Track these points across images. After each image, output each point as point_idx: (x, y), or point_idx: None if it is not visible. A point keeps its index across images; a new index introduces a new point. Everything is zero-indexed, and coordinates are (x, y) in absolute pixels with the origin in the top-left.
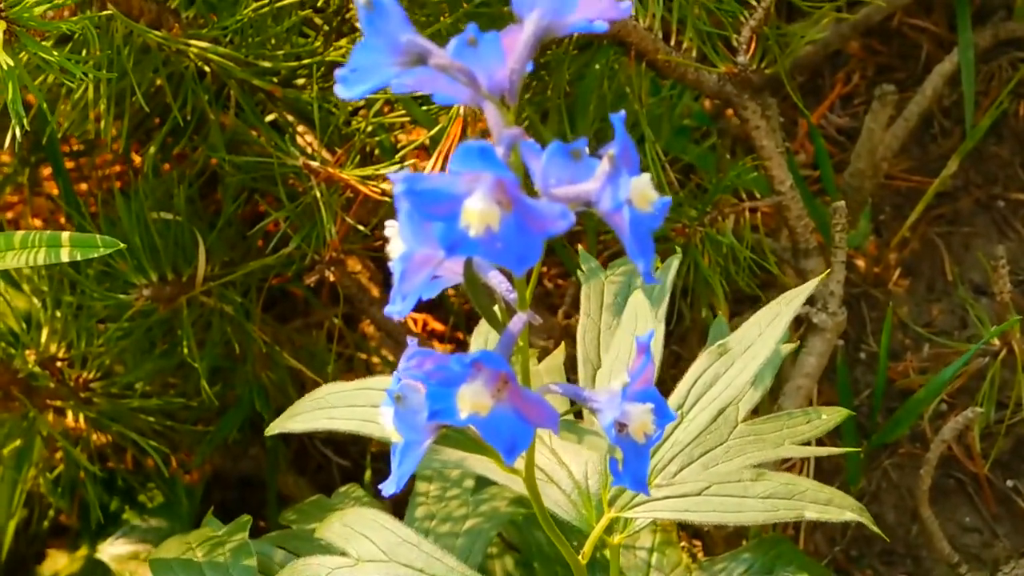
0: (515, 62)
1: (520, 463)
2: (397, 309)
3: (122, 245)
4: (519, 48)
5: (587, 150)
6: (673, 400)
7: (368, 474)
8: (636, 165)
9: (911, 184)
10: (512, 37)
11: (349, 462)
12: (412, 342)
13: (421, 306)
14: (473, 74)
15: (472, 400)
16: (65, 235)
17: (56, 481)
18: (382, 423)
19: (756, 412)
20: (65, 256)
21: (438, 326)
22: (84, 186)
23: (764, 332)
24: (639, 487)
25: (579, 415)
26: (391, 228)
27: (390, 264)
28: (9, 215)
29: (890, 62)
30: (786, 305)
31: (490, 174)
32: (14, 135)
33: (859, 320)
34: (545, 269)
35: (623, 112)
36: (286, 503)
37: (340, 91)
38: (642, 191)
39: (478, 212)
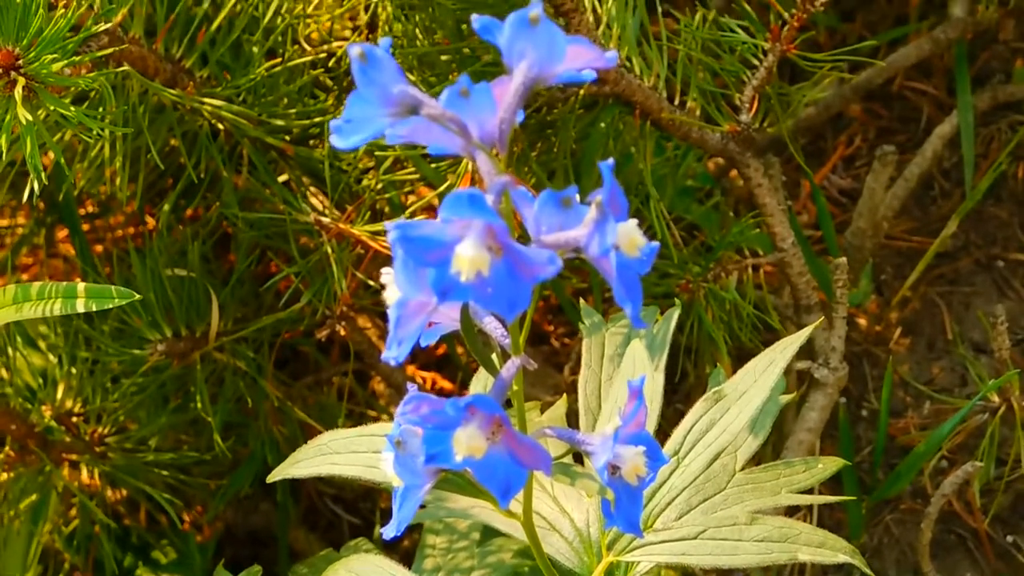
0: (505, 111)
1: (520, 508)
2: (393, 355)
3: (137, 296)
4: (509, 98)
5: (578, 198)
6: (669, 446)
7: (377, 531)
8: (624, 211)
9: (912, 244)
10: (503, 88)
11: (359, 519)
12: (412, 387)
13: (430, 364)
14: (464, 124)
15: (467, 443)
16: (81, 286)
17: (71, 536)
18: (383, 468)
19: (759, 463)
20: (81, 306)
21: (447, 384)
22: (99, 247)
23: (759, 379)
24: (632, 529)
25: (579, 460)
26: (387, 275)
27: (388, 311)
28: (25, 276)
29: (891, 125)
30: (780, 352)
31: (480, 221)
32: (32, 190)
33: (861, 378)
34: (552, 328)
35: (611, 160)
36: (297, 559)
37: (335, 141)
38: (630, 236)
39: (469, 258)
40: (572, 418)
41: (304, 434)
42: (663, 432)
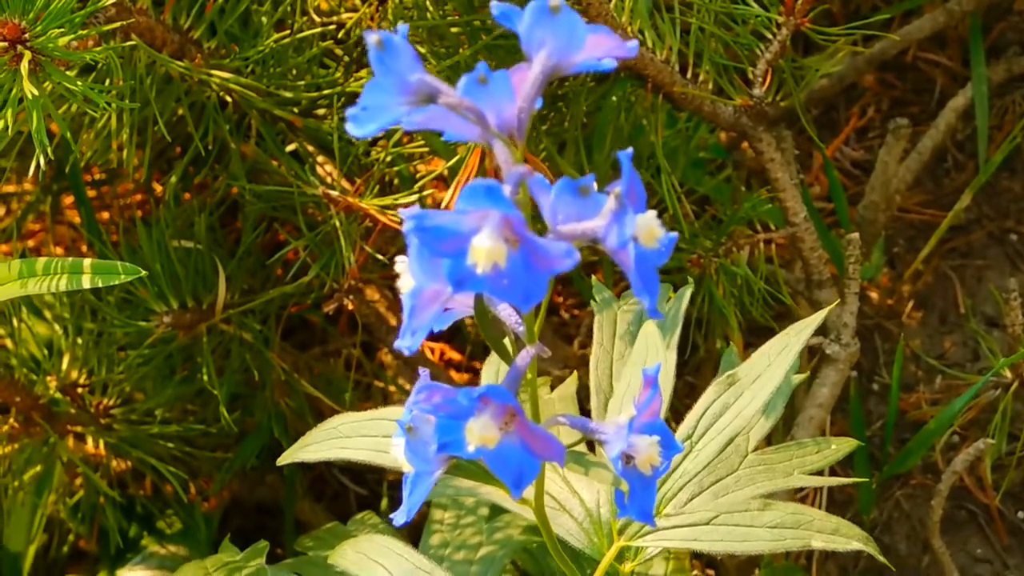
0: (524, 100)
1: (531, 492)
2: (407, 344)
3: (143, 272)
4: (527, 87)
5: (596, 186)
6: (682, 430)
7: (385, 502)
8: (643, 202)
9: (924, 217)
10: (521, 75)
11: (366, 490)
12: (424, 374)
13: (439, 336)
14: (482, 112)
15: (480, 433)
16: (87, 262)
17: (76, 507)
18: (394, 453)
19: (769, 441)
20: (87, 283)
21: (455, 355)
22: (106, 215)
23: (773, 362)
24: (645, 519)
25: (591, 445)
26: (401, 264)
27: (401, 299)
28: (31, 243)
29: (904, 96)
30: (795, 336)
31: (497, 212)
32: (38, 164)
33: (872, 352)
34: (561, 299)
35: (630, 150)
36: (303, 530)
37: (351, 129)
38: (648, 228)
39: (485, 250)
40: (583, 393)
41: (311, 406)
42: (673, 407)
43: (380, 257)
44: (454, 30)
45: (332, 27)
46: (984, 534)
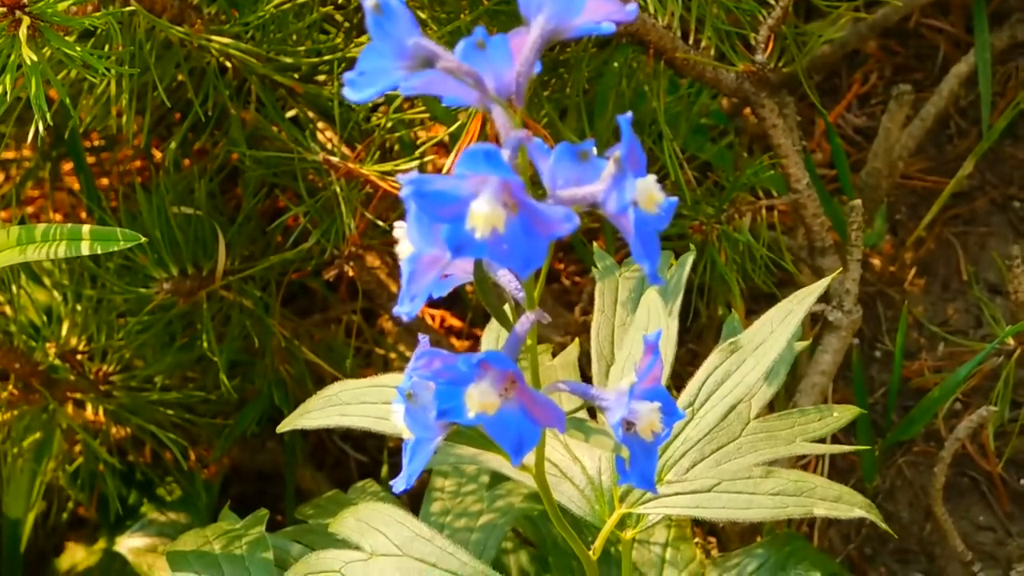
0: (522, 64)
1: (532, 459)
2: (405, 310)
3: (143, 239)
4: (526, 51)
5: (595, 151)
6: (684, 397)
7: (385, 469)
8: (643, 166)
9: (927, 184)
10: (519, 39)
11: (367, 457)
12: (423, 341)
13: (439, 302)
14: (480, 77)
15: (479, 399)
16: (86, 228)
17: (75, 474)
18: (394, 420)
19: (772, 408)
20: (86, 249)
21: (456, 322)
22: (105, 181)
23: (776, 329)
24: (646, 485)
25: (592, 413)
26: (400, 229)
27: (400, 264)
28: (30, 209)
29: (907, 62)
30: (798, 303)
31: (496, 177)
32: (37, 130)
33: (874, 319)
34: (562, 266)
35: (630, 114)
36: (303, 497)
37: (348, 94)
38: (648, 192)
39: (484, 215)
40: (584, 360)
41: (311, 373)
42: (675, 374)
43: (381, 223)
44: None
45: None
46: (987, 501)
